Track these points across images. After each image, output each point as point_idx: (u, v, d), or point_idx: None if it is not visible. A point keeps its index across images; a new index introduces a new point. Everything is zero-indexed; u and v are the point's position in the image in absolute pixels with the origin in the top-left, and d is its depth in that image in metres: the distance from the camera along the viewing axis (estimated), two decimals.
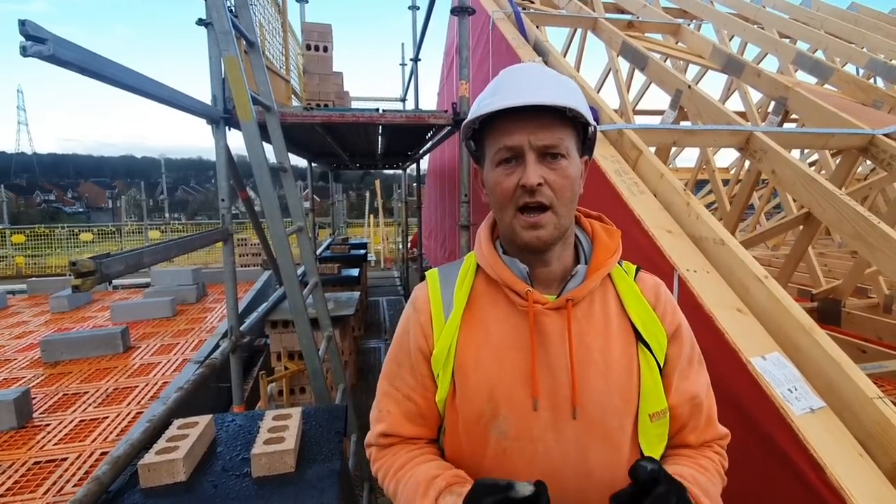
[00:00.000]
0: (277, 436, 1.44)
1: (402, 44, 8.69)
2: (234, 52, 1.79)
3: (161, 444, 1.41)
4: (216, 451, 1.50)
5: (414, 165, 8.15)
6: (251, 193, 2.90)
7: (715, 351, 1.20)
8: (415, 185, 8.75)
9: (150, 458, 1.33)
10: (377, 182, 17.57)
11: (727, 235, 1.42)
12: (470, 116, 0.84)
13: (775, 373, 1.09)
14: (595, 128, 0.85)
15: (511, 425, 0.79)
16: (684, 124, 2.95)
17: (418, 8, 6.43)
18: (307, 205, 7.84)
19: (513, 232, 0.81)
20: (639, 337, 0.83)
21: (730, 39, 5.14)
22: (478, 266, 0.90)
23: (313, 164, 7.85)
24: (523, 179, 0.77)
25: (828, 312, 3.72)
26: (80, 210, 66.66)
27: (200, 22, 2.31)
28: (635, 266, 0.93)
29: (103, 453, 3.07)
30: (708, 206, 5.97)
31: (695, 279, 1.33)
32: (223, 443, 1.54)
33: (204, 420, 1.54)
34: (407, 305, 0.94)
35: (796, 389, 1.07)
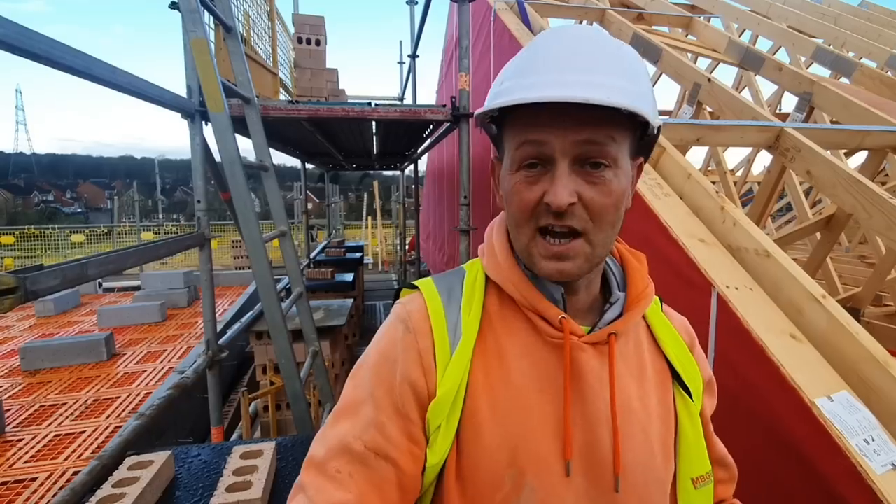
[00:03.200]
0: (244, 480, 1.23)
1: (400, 41, 8.55)
2: (202, 33, 1.57)
3: (106, 489, 1.20)
4: (174, 494, 1.29)
5: (412, 166, 7.96)
6: None
7: (767, 388, 0.99)
8: (412, 186, 8.56)
9: None
10: (375, 183, 17.41)
11: (773, 246, 1.21)
12: (487, 105, 0.59)
13: (847, 418, 0.88)
14: (659, 127, 0.59)
15: (538, 499, 0.57)
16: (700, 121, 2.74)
17: (416, 2, 6.23)
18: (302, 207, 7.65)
19: (529, 257, 0.60)
20: (676, 379, 0.65)
21: (740, 35, 4.95)
22: (487, 279, 0.67)
23: (308, 165, 7.66)
24: (549, 196, 0.54)
25: None
26: (79, 210, 66.47)
27: (174, 6, 2.11)
28: (657, 296, 0.72)
29: (75, 473, 2.87)
30: None
31: (737, 298, 1.12)
32: (183, 485, 1.33)
33: (160, 458, 1.32)
34: (392, 323, 0.65)
35: (874, 440, 0.87)
